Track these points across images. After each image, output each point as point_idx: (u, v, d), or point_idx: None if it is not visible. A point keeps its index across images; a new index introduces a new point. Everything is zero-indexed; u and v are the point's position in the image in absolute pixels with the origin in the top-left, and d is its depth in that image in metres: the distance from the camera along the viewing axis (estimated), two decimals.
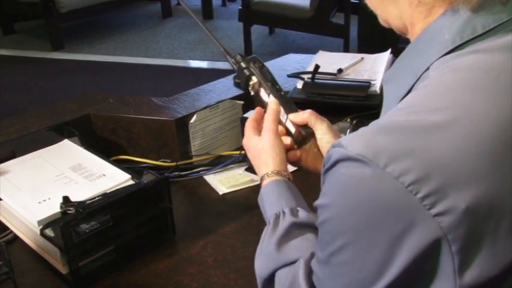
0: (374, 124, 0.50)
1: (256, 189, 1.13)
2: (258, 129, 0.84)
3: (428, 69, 0.53)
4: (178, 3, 5.68)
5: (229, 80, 1.39)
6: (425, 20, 0.56)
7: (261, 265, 0.69)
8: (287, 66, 1.50)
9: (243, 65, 0.87)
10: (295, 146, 0.84)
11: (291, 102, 0.85)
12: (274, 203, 0.73)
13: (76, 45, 4.42)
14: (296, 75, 1.42)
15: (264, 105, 0.87)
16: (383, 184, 0.46)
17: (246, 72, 0.86)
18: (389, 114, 0.50)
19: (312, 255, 0.60)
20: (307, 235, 0.68)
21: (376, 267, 0.48)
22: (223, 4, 5.59)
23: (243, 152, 1.20)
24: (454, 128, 0.46)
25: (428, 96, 0.50)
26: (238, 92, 1.30)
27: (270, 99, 0.85)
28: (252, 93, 0.88)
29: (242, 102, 1.25)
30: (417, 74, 0.54)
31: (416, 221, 0.45)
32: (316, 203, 0.54)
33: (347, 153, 0.48)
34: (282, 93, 0.86)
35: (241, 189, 1.12)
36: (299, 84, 1.37)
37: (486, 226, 0.45)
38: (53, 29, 4.33)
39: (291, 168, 0.84)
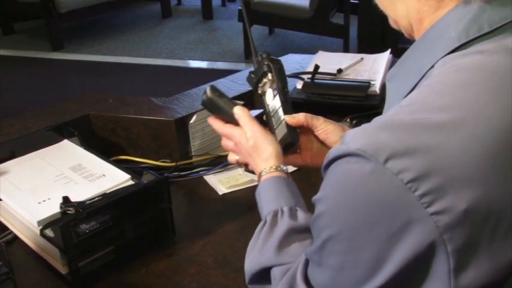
0: (376, 121, 0.50)
1: (256, 189, 1.14)
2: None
3: (433, 67, 0.53)
4: (178, 3, 5.68)
5: (229, 80, 1.39)
6: (434, 14, 0.56)
7: (254, 260, 0.69)
8: (287, 66, 1.49)
9: (264, 61, 0.87)
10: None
11: (290, 106, 0.85)
12: (272, 200, 0.73)
13: (75, 45, 4.42)
14: (296, 75, 1.42)
15: (264, 107, 0.87)
16: (381, 180, 0.46)
17: (265, 68, 0.86)
18: (392, 112, 0.50)
19: None
20: (307, 241, 0.67)
21: (370, 265, 0.48)
22: (223, 4, 5.59)
23: None
24: (457, 128, 0.46)
25: (432, 94, 0.50)
26: (238, 92, 1.30)
27: (274, 101, 0.85)
28: (260, 91, 0.88)
29: (242, 102, 1.24)
30: (422, 71, 0.54)
31: (413, 219, 0.45)
32: (314, 197, 0.53)
33: (347, 149, 0.48)
34: (287, 96, 0.85)
35: (241, 189, 1.12)
36: (299, 85, 1.37)
37: (484, 228, 0.45)
38: (53, 29, 4.33)
39: (290, 168, 0.84)
